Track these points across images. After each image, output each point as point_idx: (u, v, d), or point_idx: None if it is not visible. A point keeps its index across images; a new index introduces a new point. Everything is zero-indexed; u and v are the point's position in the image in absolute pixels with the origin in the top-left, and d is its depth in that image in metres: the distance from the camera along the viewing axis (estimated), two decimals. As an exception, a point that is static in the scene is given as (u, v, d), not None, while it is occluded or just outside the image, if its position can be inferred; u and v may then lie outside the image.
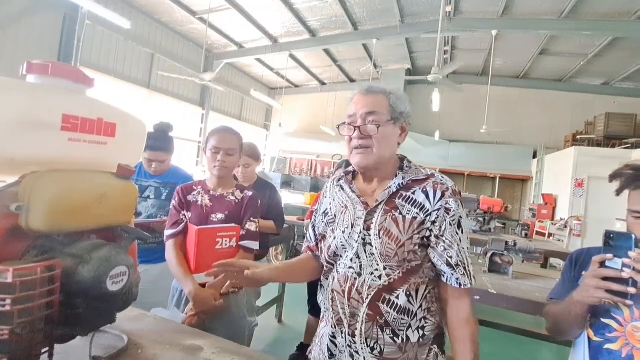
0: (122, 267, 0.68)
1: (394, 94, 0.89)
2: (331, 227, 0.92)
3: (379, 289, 0.81)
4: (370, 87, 0.90)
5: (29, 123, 0.64)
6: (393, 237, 0.82)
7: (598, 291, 0.78)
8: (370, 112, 0.86)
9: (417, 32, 6.64)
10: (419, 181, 0.86)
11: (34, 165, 0.65)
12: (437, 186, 0.84)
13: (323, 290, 0.94)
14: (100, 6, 4.57)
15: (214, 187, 1.45)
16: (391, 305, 0.81)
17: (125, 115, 0.82)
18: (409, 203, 0.84)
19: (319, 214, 1.00)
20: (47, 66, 0.68)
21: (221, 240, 1.35)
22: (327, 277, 0.93)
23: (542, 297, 1.74)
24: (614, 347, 0.84)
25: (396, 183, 0.86)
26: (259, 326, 2.24)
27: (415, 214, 0.83)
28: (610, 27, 5.76)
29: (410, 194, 0.85)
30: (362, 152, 0.86)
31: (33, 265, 0.58)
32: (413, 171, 0.89)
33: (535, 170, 8.27)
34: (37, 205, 0.61)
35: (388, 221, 0.83)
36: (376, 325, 0.81)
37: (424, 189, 0.85)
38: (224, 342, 0.92)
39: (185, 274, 1.33)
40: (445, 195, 0.83)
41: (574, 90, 8.73)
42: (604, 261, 0.78)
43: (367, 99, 0.88)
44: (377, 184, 0.90)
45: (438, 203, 0.83)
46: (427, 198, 0.84)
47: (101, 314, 0.70)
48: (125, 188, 0.76)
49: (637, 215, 0.85)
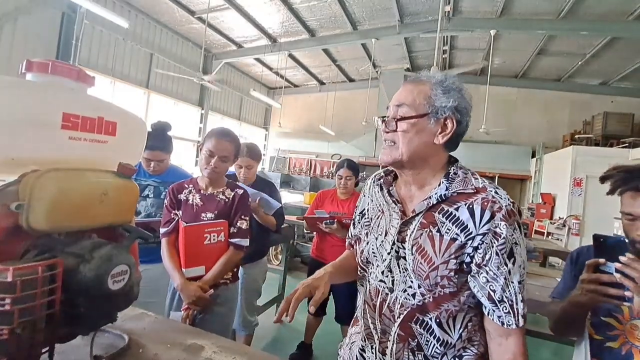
0: (123, 266, 0.68)
1: (441, 83, 0.74)
2: (366, 231, 0.85)
3: (412, 308, 0.73)
4: (419, 75, 0.78)
5: (29, 121, 0.64)
6: (427, 257, 0.71)
7: (596, 295, 0.76)
8: (399, 104, 0.75)
9: (416, 31, 6.65)
10: (466, 195, 0.72)
11: (34, 164, 0.65)
12: (486, 204, 0.69)
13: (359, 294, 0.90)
14: (98, 5, 4.56)
15: (205, 186, 1.47)
16: (425, 328, 0.73)
17: (126, 114, 0.81)
18: (449, 220, 0.71)
19: (357, 213, 0.94)
20: (46, 64, 0.68)
21: (209, 235, 1.39)
22: (362, 283, 0.88)
23: (541, 296, 1.75)
24: (614, 345, 0.85)
25: (438, 194, 0.73)
26: (259, 325, 2.25)
27: (455, 235, 0.70)
28: (607, 27, 5.79)
29: (453, 209, 0.71)
30: (387, 147, 0.76)
31: (34, 264, 0.58)
32: (461, 181, 0.74)
33: (533, 169, 8.30)
34: (37, 204, 0.61)
35: (423, 237, 0.72)
36: (407, 348, 0.73)
37: (470, 206, 0.70)
38: (225, 342, 0.92)
39: (174, 269, 1.39)
40: (495, 216, 0.68)
41: (572, 89, 8.77)
42: (598, 265, 0.77)
43: (405, 88, 0.77)
44: (416, 190, 0.79)
45: (485, 226, 0.68)
46: (471, 217, 0.69)
47: (102, 313, 0.69)
48: (126, 187, 0.75)
49: (630, 217, 0.84)
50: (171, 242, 1.44)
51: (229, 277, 1.48)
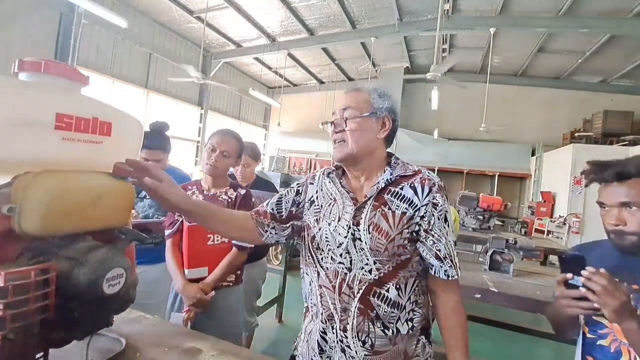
0: (118, 269, 0.67)
1: (376, 90, 0.92)
2: (316, 217, 0.92)
3: (369, 283, 0.83)
4: (353, 85, 0.94)
5: (21, 122, 0.62)
6: (383, 232, 0.83)
7: (571, 309, 0.81)
8: (345, 107, 0.90)
9: (415, 30, 6.63)
10: (407, 177, 0.88)
11: (27, 166, 0.64)
12: (424, 182, 0.86)
13: (304, 284, 0.95)
14: (96, 5, 4.53)
15: (207, 187, 1.47)
16: (382, 299, 0.83)
17: (121, 114, 0.80)
18: (397, 198, 0.86)
19: (306, 200, 0.97)
20: (39, 63, 0.66)
21: (212, 235, 1.39)
22: (307, 272, 0.94)
23: (542, 295, 1.74)
24: (605, 343, 0.89)
25: (384, 179, 0.88)
26: (260, 326, 2.23)
27: (405, 209, 0.85)
28: (607, 25, 5.77)
29: (399, 189, 0.87)
30: (338, 145, 0.90)
31: (26, 269, 0.56)
32: (401, 167, 0.91)
33: (533, 168, 8.28)
34: (30, 207, 0.59)
35: (377, 216, 0.84)
36: (367, 319, 0.83)
37: (411, 185, 0.87)
38: (224, 344, 0.91)
39: (176, 269, 1.39)
40: (432, 190, 0.85)
41: (571, 87, 8.75)
42: (566, 280, 0.82)
43: (346, 96, 0.92)
44: (364, 180, 0.92)
45: (426, 198, 0.85)
46: (415, 193, 0.86)
47: (98, 318, 0.68)
48: (121, 188, 0.74)
49: (604, 207, 0.92)
50: (175, 243, 1.44)
51: (232, 279, 1.47)
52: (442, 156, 9.17)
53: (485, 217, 4.10)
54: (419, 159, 8.56)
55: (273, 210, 0.97)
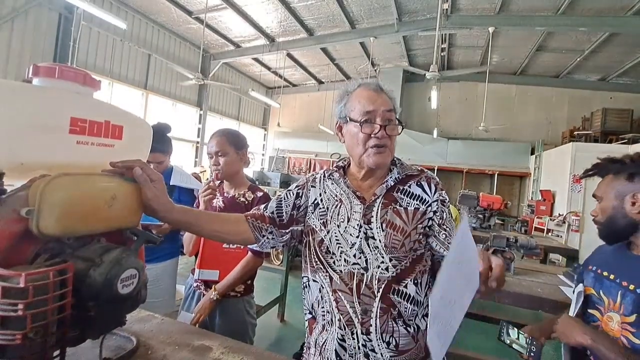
0: (132, 270, 0.68)
1: (392, 91, 0.92)
2: (322, 220, 0.89)
3: (388, 280, 0.82)
4: (378, 85, 0.89)
5: (37, 126, 0.64)
6: (398, 228, 0.84)
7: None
8: (389, 109, 0.86)
9: (414, 29, 6.64)
10: (413, 176, 0.91)
11: (43, 169, 0.65)
12: (430, 180, 0.90)
13: (311, 293, 0.90)
14: (95, 7, 4.53)
15: (227, 189, 1.49)
16: (402, 296, 0.83)
17: (132, 117, 0.81)
18: (407, 196, 0.88)
19: (308, 203, 0.94)
20: (54, 69, 0.68)
21: None
22: (315, 279, 0.89)
23: (543, 292, 1.76)
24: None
25: (393, 177, 0.89)
26: (262, 326, 2.25)
27: (417, 205, 0.86)
28: (606, 23, 5.78)
29: (407, 187, 0.89)
30: (382, 152, 0.85)
31: (45, 270, 0.58)
32: (406, 167, 0.93)
33: (533, 166, 8.31)
34: (47, 209, 0.61)
35: (390, 214, 0.85)
36: (390, 318, 0.81)
37: (418, 183, 0.89)
38: (233, 342, 0.93)
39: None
40: (437, 188, 0.89)
41: (570, 86, 8.77)
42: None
43: (381, 96, 0.87)
44: (375, 181, 0.91)
45: (435, 195, 0.88)
46: (424, 191, 0.88)
47: (112, 317, 0.70)
48: (133, 190, 0.75)
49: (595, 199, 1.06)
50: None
51: (241, 289, 1.43)
52: (442, 155, 9.19)
53: (485, 216, 4.12)
54: (419, 158, 8.58)
55: (273, 214, 0.93)
